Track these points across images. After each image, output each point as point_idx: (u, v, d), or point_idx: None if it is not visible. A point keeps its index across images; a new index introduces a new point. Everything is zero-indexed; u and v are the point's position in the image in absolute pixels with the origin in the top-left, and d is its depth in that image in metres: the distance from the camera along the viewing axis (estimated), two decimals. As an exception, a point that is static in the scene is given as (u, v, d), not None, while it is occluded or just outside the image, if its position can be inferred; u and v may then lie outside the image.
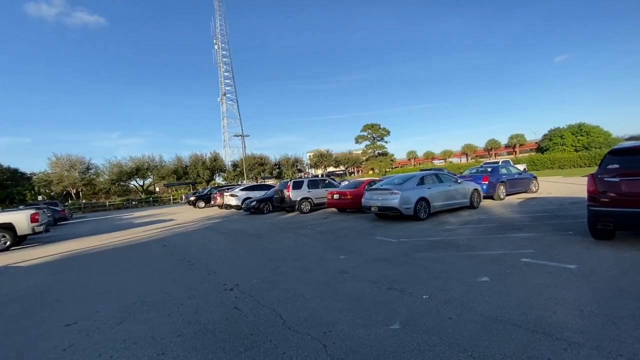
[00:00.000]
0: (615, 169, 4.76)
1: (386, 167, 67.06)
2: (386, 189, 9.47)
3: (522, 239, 6.00)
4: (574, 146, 44.18)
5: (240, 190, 19.30)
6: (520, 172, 14.31)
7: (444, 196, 9.93)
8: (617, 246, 4.92)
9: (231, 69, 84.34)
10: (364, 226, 9.28)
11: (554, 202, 10.74)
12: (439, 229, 7.78)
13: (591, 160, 35.26)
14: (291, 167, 61.42)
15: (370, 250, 6.29)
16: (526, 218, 8.18)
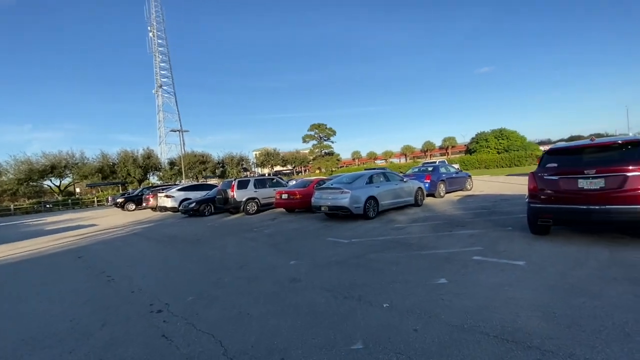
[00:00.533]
0: (554, 168, 5.04)
1: (332, 167, 68.15)
2: (336, 188, 9.20)
3: (468, 236, 6.14)
4: (496, 148, 49.64)
5: (178, 191, 17.59)
6: (457, 171, 15.30)
7: (392, 195, 10.02)
8: (555, 241, 5.23)
9: (168, 59, 77.99)
10: (315, 227, 8.89)
11: (488, 199, 11.58)
12: (389, 228, 7.72)
13: (511, 161, 39.91)
14: (236, 166, 58.88)
15: (323, 253, 5.89)
16: (468, 215, 8.57)
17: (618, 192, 4.36)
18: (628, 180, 4.32)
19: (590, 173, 4.58)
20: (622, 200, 4.33)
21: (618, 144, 4.76)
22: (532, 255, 4.58)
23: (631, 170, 4.33)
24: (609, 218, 4.46)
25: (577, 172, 4.72)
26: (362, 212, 8.96)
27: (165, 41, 76.19)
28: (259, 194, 13.68)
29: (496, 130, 52.34)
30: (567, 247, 4.80)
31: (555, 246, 4.92)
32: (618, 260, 4.06)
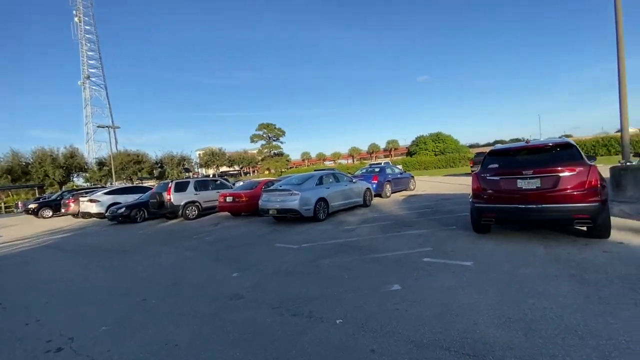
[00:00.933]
0: (495, 169, 5.22)
1: (282, 167, 67.26)
2: (285, 190, 8.74)
3: (416, 236, 6.15)
4: (434, 151, 53.52)
5: (104, 194, 15.49)
6: (401, 172, 15.87)
7: (342, 196, 9.88)
8: (496, 239, 5.43)
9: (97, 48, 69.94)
10: (262, 231, 8.31)
11: (430, 198, 12.10)
12: (340, 230, 7.50)
13: (447, 163, 43.27)
14: (177, 167, 54.76)
15: (270, 261, 5.39)
16: (413, 214, 8.75)
17: (552, 192, 4.63)
18: (560, 180, 4.60)
19: (528, 174, 4.80)
20: (555, 199, 4.60)
21: (550, 146, 5.09)
22: (477, 254, 4.65)
23: (562, 170, 4.62)
24: (545, 216, 4.71)
25: (516, 173, 4.93)
26: (313, 214, 8.63)
27: (94, 28, 68.17)
28: (200, 196, 12.57)
29: (433, 134, 56.48)
30: (507, 245, 4.99)
31: (497, 244, 5.09)
32: (553, 257, 4.28)
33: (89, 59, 68.27)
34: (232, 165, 76.94)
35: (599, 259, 4.05)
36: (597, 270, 3.66)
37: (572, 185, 4.54)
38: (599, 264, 3.88)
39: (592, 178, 4.48)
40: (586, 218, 4.47)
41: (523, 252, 4.60)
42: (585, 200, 4.44)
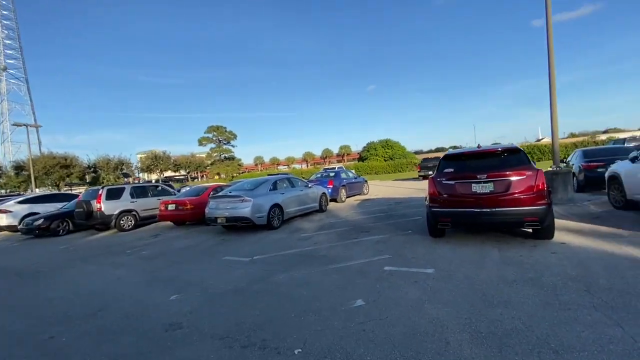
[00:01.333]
0: (450, 173, 5.23)
1: (233, 172, 64.72)
2: (236, 196, 8.05)
3: (375, 242, 5.97)
4: (383, 157, 55.71)
5: (17, 203, 13.13)
6: (355, 176, 15.97)
7: (297, 201, 9.45)
8: (451, 242, 5.44)
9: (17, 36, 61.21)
10: (209, 243, 7.52)
11: (383, 202, 12.23)
12: (295, 238, 7.06)
13: (395, 168, 45.24)
14: (113, 171, 49.60)
15: (216, 278, 4.75)
16: (369, 219, 8.65)
17: (504, 196, 4.72)
18: (512, 184, 4.72)
19: (482, 178, 4.86)
20: (507, 203, 4.70)
21: (500, 151, 5.24)
22: (437, 260, 4.56)
23: (512, 175, 4.75)
24: (498, 219, 4.80)
25: (471, 177, 4.97)
26: (266, 221, 8.07)
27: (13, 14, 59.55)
28: (137, 204, 11.20)
29: (383, 140, 58.83)
30: (463, 249, 4.99)
31: (453, 248, 5.08)
32: (508, 260, 4.32)
33: (5, 48, 59.41)
34: (178, 169, 72.32)
35: (550, 260, 4.17)
36: (552, 273, 3.72)
37: (522, 189, 4.68)
38: (551, 265, 3.98)
39: (540, 182, 4.65)
40: (535, 221, 4.62)
41: (479, 256, 4.60)
42: (534, 204, 4.60)
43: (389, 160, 52.29)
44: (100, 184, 44.96)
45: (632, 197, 6.51)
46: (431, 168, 23.31)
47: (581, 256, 4.24)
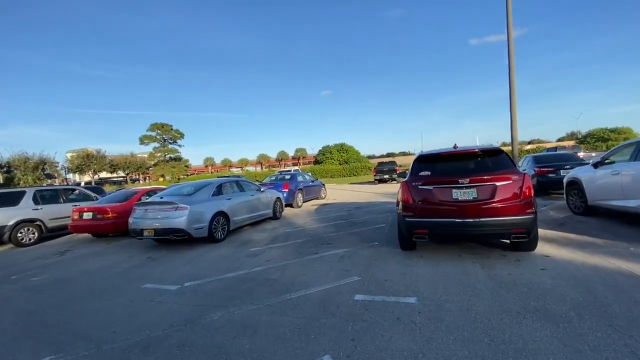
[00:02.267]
0: (427, 177, 4.47)
1: (180, 174, 60.17)
2: (168, 203, 6.54)
3: (339, 259, 5.01)
4: (338, 160, 55.90)
5: None
6: (313, 180, 15.04)
7: (247, 208, 8.18)
8: (426, 258, 4.66)
9: None
10: (130, 263, 5.94)
11: (342, 208, 11.43)
12: (243, 254, 5.83)
13: (350, 172, 45.42)
14: (33, 171, 42.72)
15: (124, 322, 3.38)
16: (329, 228, 7.71)
17: (489, 203, 4.06)
18: (497, 190, 4.07)
19: (464, 183, 4.17)
20: (493, 212, 4.04)
21: (479, 151, 4.62)
22: (417, 283, 3.72)
23: (498, 179, 4.11)
24: (483, 231, 4.13)
25: (451, 182, 4.26)
26: (207, 233, 6.70)
27: None
28: (44, 212, 8.97)
29: (338, 144, 59.14)
30: (443, 267, 4.23)
31: (431, 266, 4.30)
32: (497, 280, 3.63)
33: None
34: (116, 170, 65.43)
35: (543, 279, 3.56)
36: (556, 299, 3.06)
37: (509, 196, 4.06)
38: (548, 287, 3.34)
39: (526, 188, 4.07)
40: (522, 232, 4.03)
41: (463, 276, 3.86)
42: (522, 212, 4.00)
43: (344, 164, 52.52)
44: (15, 185, 38.32)
45: (593, 202, 6.41)
46: (386, 172, 23.36)
47: (573, 272, 3.70)
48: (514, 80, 8.84)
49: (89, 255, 6.95)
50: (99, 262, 6.22)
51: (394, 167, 23.46)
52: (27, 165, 42.58)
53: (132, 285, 4.57)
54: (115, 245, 7.73)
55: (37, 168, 43.75)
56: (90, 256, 6.80)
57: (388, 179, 23.40)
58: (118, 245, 7.69)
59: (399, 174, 7.55)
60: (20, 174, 41.79)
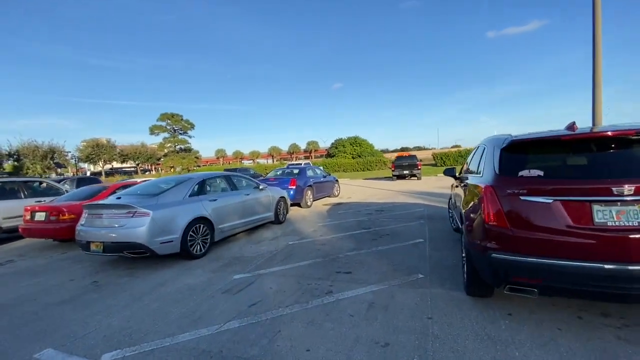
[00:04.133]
0: (539, 181, 2.43)
1: (190, 165, 59.30)
2: (123, 206, 4.70)
3: (365, 311, 3.05)
4: (351, 154, 53.65)
5: None
6: (325, 174, 13.08)
7: (239, 211, 6.31)
8: (519, 317, 2.65)
9: None
10: (58, 294, 4.13)
11: (360, 209, 9.46)
12: (220, 286, 3.95)
13: (364, 166, 43.14)
14: (41, 160, 42.27)
15: None
16: (346, 242, 5.76)
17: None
18: None
19: (622, 192, 2.13)
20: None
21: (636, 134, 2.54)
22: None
23: None
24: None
25: (593, 191, 2.23)
26: (180, 247, 4.86)
27: None
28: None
29: (351, 137, 56.82)
30: (562, 345, 2.24)
31: (538, 341, 2.31)
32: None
33: None
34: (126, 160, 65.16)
35: None
36: None
37: None
38: None
39: None
40: None
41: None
42: None
43: (357, 157, 50.29)
44: (25, 175, 37.83)
45: None
46: (406, 167, 21.11)
47: None
48: (600, 46, 6.57)
49: (26, 271, 5.22)
50: (26, 286, 4.46)
51: (415, 161, 21.18)
52: (36, 154, 42.12)
53: (22, 352, 2.74)
54: (68, 258, 5.98)
55: (46, 157, 43.30)
56: (27, 274, 5.07)
57: (408, 175, 21.17)
58: (71, 258, 5.94)
59: (448, 170, 5.30)
60: (29, 163, 41.41)
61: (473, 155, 4.33)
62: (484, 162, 3.17)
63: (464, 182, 4.09)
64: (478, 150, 4.07)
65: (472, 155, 4.49)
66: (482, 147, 3.74)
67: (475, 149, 4.41)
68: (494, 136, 3.44)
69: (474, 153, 4.35)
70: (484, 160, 3.18)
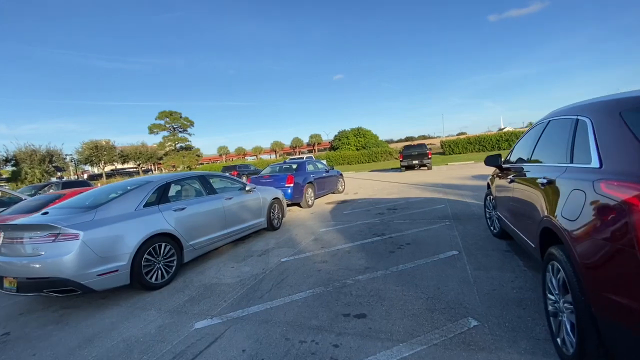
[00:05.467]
0: None
1: (192, 163, 58.24)
2: (42, 227, 3.38)
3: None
4: (355, 146, 52.08)
5: None
6: (328, 169, 11.70)
7: (219, 221, 4.99)
8: None
9: None
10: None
11: (369, 208, 8.10)
12: (171, 346, 2.65)
13: (369, 157, 41.57)
14: (40, 164, 41.43)
15: None
16: (356, 258, 4.42)
17: None
18: None
19: None
20: None
21: None
22: None
23: None
24: None
25: None
26: (130, 279, 3.57)
27: None
28: None
29: (355, 129, 55.17)
30: None
31: None
32: None
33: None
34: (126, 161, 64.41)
35: None
36: None
37: None
38: None
39: None
40: None
41: None
42: None
43: (361, 149, 48.72)
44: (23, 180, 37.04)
45: None
46: (416, 157, 19.61)
47: None
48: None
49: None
50: None
51: (424, 150, 19.66)
52: (34, 159, 41.31)
53: None
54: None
55: (44, 161, 42.49)
56: None
57: (417, 165, 19.69)
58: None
59: (490, 158, 3.87)
60: (27, 168, 40.60)
61: (540, 136, 2.93)
62: (582, 145, 1.83)
63: (527, 177, 2.73)
64: (552, 128, 2.68)
65: (535, 137, 3.08)
66: (565, 121, 2.36)
67: (541, 127, 3.00)
68: (602, 98, 2.04)
69: (541, 133, 2.95)
70: (582, 143, 1.84)
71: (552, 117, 2.76)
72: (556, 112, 2.78)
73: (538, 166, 2.74)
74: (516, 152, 3.69)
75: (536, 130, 3.12)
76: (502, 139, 34.03)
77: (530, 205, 2.59)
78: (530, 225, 2.61)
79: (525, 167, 3.06)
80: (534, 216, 2.47)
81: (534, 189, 2.55)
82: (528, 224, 2.69)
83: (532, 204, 2.54)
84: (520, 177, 3.05)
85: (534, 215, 2.44)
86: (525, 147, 3.37)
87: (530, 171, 2.83)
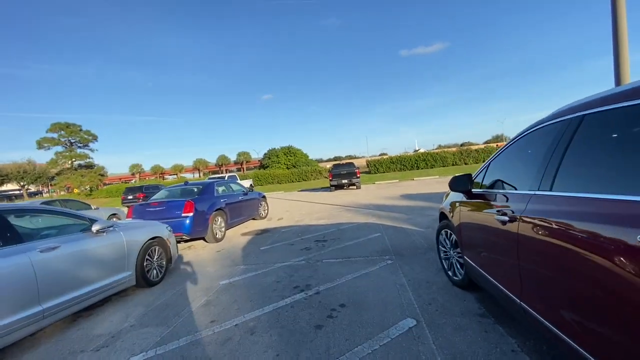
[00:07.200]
0: None
1: (93, 183, 49.40)
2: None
3: None
4: (286, 164, 50.82)
5: None
6: (246, 190, 9.80)
7: (17, 292, 2.77)
8: None
9: None
10: None
11: (293, 240, 6.48)
12: None
13: (299, 176, 40.49)
14: None
15: None
16: (262, 342, 2.70)
17: None
18: None
19: None
20: None
21: None
22: None
23: None
24: None
25: None
26: None
27: None
28: None
29: (285, 147, 54.18)
30: None
31: None
32: None
33: None
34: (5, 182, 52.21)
35: None
36: None
37: None
38: None
39: None
40: None
41: None
42: None
43: (292, 168, 47.58)
44: None
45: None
46: (345, 176, 18.95)
47: None
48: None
49: None
50: None
51: (353, 169, 19.17)
52: None
53: None
54: None
55: None
56: None
57: (347, 184, 19.06)
58: None
59: (457, 182, 2.70)
60: None
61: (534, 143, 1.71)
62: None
63: (517, 210, 1.48)
64: (549, 131, 1.47)
65: (520, 146, 1.87)
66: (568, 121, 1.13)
67: (533, 130, 1.81)
68: None
69: (527, 140, 1.73)
70: None
71: (552, 119, 1.56)
72: (566, 108, 1.60)
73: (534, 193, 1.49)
74: (493, 172, 2.51)
75: (529, 134, 1.93)
76: (420, 159, 36.62)
77: (516, 258, 1.30)
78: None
79: (514, 194, 1.82)
80: None
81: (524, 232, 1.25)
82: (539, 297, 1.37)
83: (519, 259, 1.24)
84: (500, 208, 1.79)
85: None
86: (512, 166, 2.17)
87: (523, 199, 1.58)
